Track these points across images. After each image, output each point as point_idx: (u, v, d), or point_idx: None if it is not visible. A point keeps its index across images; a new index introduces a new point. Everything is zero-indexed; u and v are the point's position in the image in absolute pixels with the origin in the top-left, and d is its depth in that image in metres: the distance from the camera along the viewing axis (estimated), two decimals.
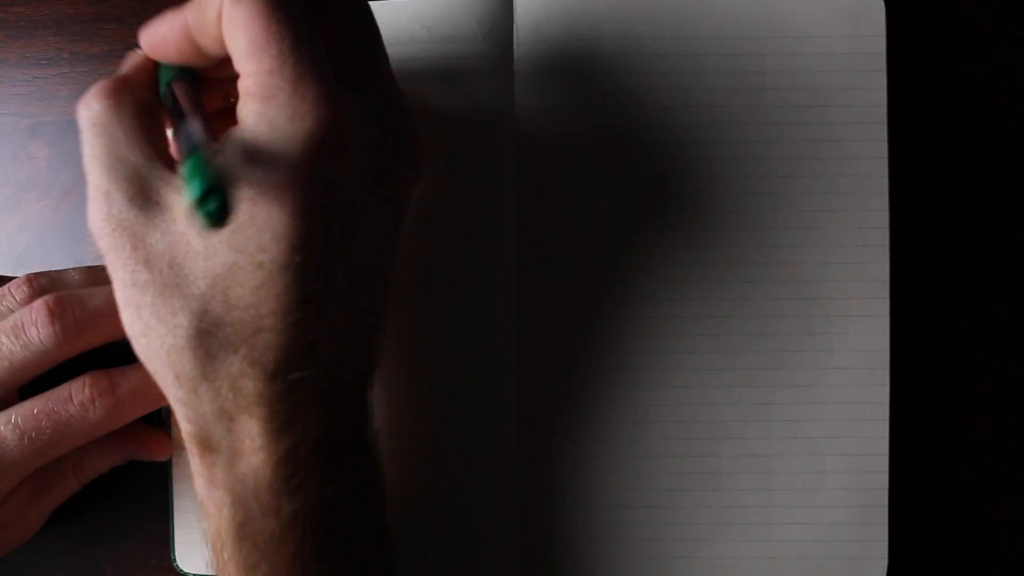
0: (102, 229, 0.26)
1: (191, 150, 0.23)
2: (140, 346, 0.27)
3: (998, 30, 0.35)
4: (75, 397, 0.30)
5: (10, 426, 0.30)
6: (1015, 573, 0.35)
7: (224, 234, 0.24)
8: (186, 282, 0.25)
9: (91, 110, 0.27)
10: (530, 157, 0.34)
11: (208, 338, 0.25)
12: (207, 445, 0.26)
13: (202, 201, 0.21)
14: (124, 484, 0.37)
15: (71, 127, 0.35)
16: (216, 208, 0.21)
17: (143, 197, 0.26)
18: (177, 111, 0.27)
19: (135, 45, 0.37)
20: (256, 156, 0.24)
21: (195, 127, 0.24)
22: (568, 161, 0.34)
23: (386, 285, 0.28)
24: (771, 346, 0.34)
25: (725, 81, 0.34)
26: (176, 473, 0.35)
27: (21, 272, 0.33)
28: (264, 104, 0.24)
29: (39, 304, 0.30)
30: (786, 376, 0.34)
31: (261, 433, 0.25)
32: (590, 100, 0.34)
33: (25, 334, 0.30)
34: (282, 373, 0.25)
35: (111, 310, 0.28)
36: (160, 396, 0.28)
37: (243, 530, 0.26)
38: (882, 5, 0.34)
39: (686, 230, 0.34)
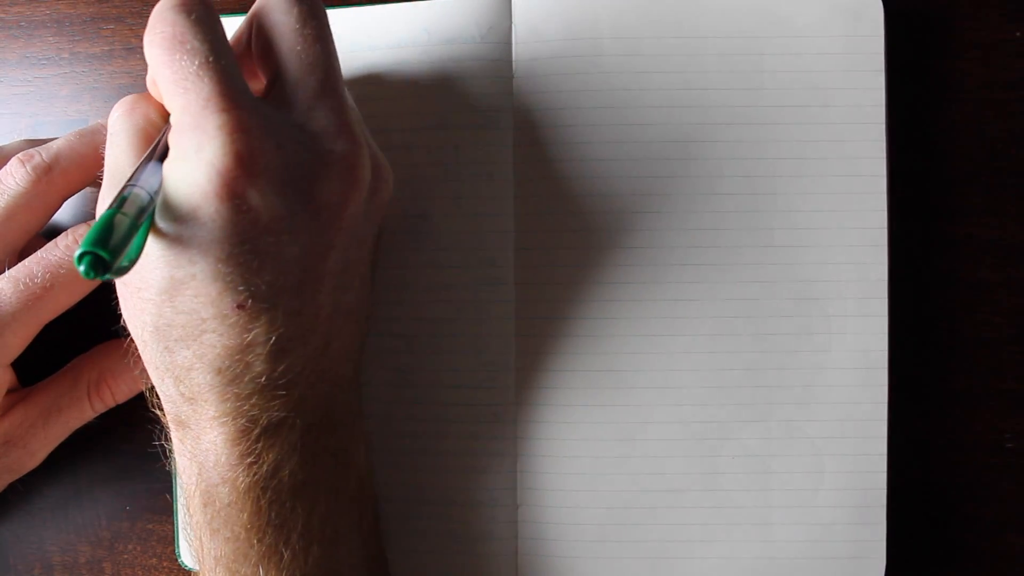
0: None
1: (114, 202, 0.24)
2: (129, 330, 0.30)
3: (998, 30, 0.35)
4: (60, 243, 0.32)
5: (5, 278, 0.31)
6: (1013, 573, 0.35)
7: (161, 251, 0.26)
8: (145, 287, 0.27)
9: (112, 118, 0.30)
10: (529, 157, 0.34)
11: (165, 335, 0.28)
12: (179, 422, 0.29)
13: (79, 259, 0.23)
14: (124, 483, 0.37)
15: (71, 127, 0.35)
16: (84, 271, 0.23)
17: None
18: (156, 142, 0.28)
19: (135, 45, 0.37)
20: (171, 187, 0.26)
21: (139, 176, 0.26)
22: (567, 161, 0.34)
23: (336, 288, 0.29)
24: (769, 346, 0.34)
25: (724, 81, 0.34)
26: None
27: None
28: (178, 137, 0.26)
29: (12, 159, 0.32)
30: (784, 376, 0.34)
31: (214, 416, 0.28)
32: (589, 100, 0.34)
33: (3, 184, 0.32)
34: (227, 369, 0.28)
35: (72, 147, 0.32)
36: None
37: (207, 496, 0.29)
38: (880, 4, 0.34)
39: (684, 230, 0.34)
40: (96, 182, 0.34)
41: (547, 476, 0.34)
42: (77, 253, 0.23)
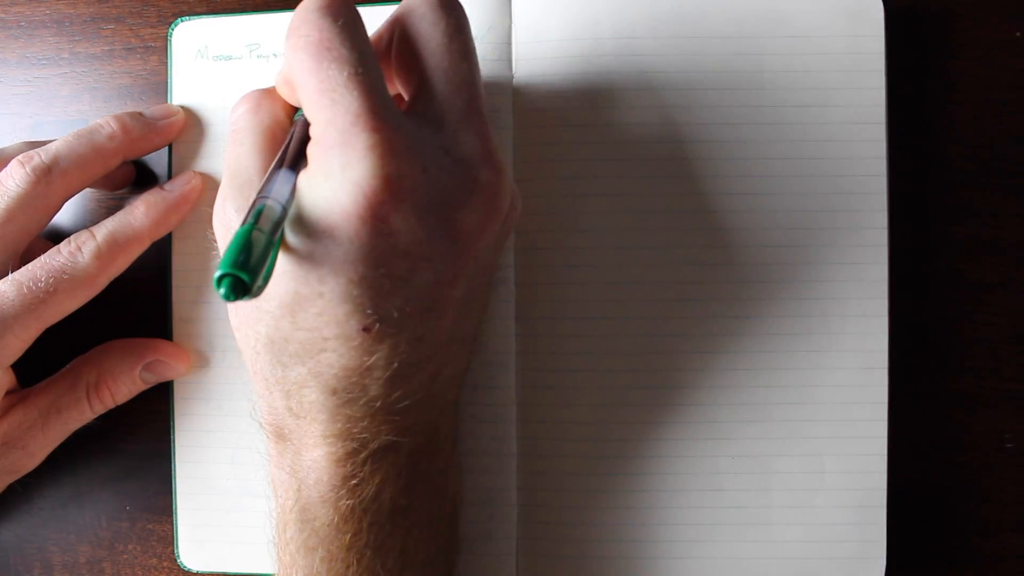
0: (217, 230, 0.29)
1: (248, 216, 0.23)
2: (237, 337, 0.29)
3: (998, 30, 0.35)
4: (63, 248, 0.32)
5: (8, 281, 0.31)
6: (1013, 573, 0.35)
7: (288, 265, 0.25)
8: (265, 298, 0.26)
9: (235, 115, 0.29)
10: (529, 157, 0.34)
11: (280, 349, 0.27)
12: (280, 434, 0.29)
13: (218, 281, 0.21)
14: (124, 483, 0.37)
15: (71, 127, 0.35)
16: (224, 293, 0.21)
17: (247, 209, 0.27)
18: (285, 148, 0.27)
19: (135, 45, 0.37)
20: (308, 201, 0.25)
21: (270, 187, 0.24)
22: (567, 161, 0.34)
23: (457, 315, 0.29)
24: (769, 346, 0.34)
25: (724, 81, 0.34)
26: (179, 472, 0.35)
27: None
28: (322, 152, 0.25)
29: (12, 161, 0.32)
30: (785, 376, 0.34)
31: (322, 435, 0.27)
32: (588, 100, 0.34)
33: (3, 185, 0.32)
34: (342, 390, 0.27)
35: (72, 148, 0.32)
36: (136, 239, 0.32)
37: (304, 514, 0.28)
38: (880, 5, 0.34)
39: (684, 230, 0.34)
40: (95, 183, 0.34)
41: (547, 476, 0.34)
42: (216, 275, 0.21)
